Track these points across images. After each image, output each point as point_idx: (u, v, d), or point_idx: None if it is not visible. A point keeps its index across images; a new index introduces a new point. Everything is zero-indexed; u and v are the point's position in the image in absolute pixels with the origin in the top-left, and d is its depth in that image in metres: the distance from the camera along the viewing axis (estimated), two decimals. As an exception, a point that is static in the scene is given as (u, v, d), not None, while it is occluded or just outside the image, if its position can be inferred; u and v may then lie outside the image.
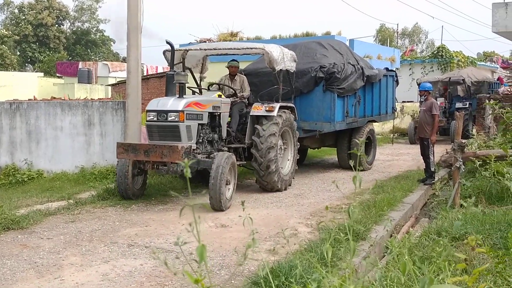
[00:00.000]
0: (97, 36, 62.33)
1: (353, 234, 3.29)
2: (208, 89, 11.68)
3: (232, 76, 11.49)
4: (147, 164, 9.40)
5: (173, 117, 9.05)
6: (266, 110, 10.40)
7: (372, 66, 15.46)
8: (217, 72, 13.23)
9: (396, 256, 3.65)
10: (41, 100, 15.97)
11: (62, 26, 59.18)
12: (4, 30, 53.78)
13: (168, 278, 5.83)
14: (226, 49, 11.56)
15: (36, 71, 44.58)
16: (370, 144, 14.44)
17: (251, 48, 11.50)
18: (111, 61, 46.33)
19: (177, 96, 9.50)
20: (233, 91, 11.10)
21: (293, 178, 11.38)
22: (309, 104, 12.52)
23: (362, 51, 35.25)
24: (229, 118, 10.73)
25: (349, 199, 9.42)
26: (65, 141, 12.93)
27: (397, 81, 16.88)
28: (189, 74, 11.22)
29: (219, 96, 10.56)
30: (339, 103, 12.62)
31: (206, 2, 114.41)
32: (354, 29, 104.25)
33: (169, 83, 9.83)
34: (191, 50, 11.62)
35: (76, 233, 7.79)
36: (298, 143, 11.63)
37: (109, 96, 26.47)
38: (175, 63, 10.38)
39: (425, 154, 11.84)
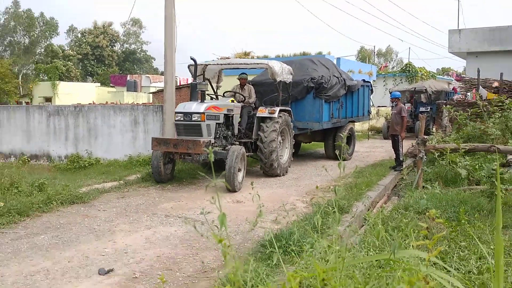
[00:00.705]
0: (141, 55, 62.41)
1: (338, 208, 3.31)
2: (223, 96, 11.55)
3: (242, 86, 11.48)
4: (176, 155, 9.40)
5: (196, 118, 9.10)
6: (269, 113, 10.45)
7: (352, 78, 15.39)
8: (231, 83, 13.28)
9: (372, 225, 3.66)
10: (98, 104, 16.09)
11: (114, 47, 59.27)
12: (70, 51, 53.97)
13: (196, 241, 5.87)
14: (238, 64, 11.68)
15: (94, 82, 44.70)
16: (350, 139, 14.42)
17: (258, 64, 11.70)
18: (152, 74, 46.35)
19: (199, 101, 9.56)
20: (243, 98, 11.10)
21: (289, 167, 11.30)
22: (302, 108, 12.52)
23: (347, 67, 35.07)
24: (240, 118, 10.75)
25: (335, 181, 9.42)
26: (116, 136, 13.01)
27: (371, 90, 16.69)
28: (208, 84, 11.19)
29: (232, 101, 10.59)
30: (326, 107, 12.68)
31: (229, 27, 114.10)
32: (340, 49, 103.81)
33: (192, 91, 9.83)
34: (210, 64, 11.66)
35: (125, 206, 7.85)
36: (294, 139, 11.65)
37: (151, 101, 26.51)
38: (197, 75, 10.40)
39: (396, 147, 11.83)
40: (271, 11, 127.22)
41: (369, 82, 16.71)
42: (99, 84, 42.02)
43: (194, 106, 9.26)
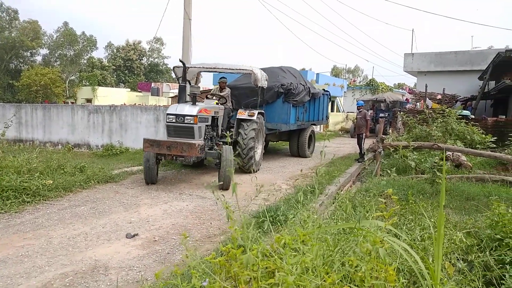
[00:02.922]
0: (163, 67, 62.00)
1: (315, 188, 3.31)
2: (207, 98, 9.83)
3: (221, 88, 9.94)
4: (167, 156, 7.80)
5: (189, 120, 7.70)
6: (248, 115, 9.23)
7: (315, 87, 14.13)
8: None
9: (341, 202, 3.67)
10: (128, 105, 15.99)
11: (142, 60, 58.91)
12: (106, 62, 53.67)
13: (203, 213, 5.88)
14: (223, 68, 9.61)
15: (125, 88, 44.43)
16: (311, 139, 13.40)
17: (242, 69, 9.63)
18: (171, 83, 46.04)
19: (191, 103, 8.11)
20: (225, 100, 9.59)
21: (261, 164, 10.01)
22: (273, 110, 11.28)
23: (324, 80, 35.08)
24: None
25: (312, 169, 9.44)
26: (142, 130, 12.94)
27: (330, 98, 15.51)
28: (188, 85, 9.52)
29: (217, 103, 9.23)
30: (293, 111, 11.69)
31: (229, 46, 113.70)
32: (318, 66, 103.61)
33: (181, 93, 8.39)
34: (193, 67, 9.78)
35: (149, 185, 7.82)
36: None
37: (170, 103, 26.42)
38: (179, 76, 9.05)
39: (360, 144, 11.87)
40: (259, 32, 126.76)
41: (328, 91, 15.32)
42: (129, 89, 41.76)
43: (187, 109, 7.81)
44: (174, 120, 7.73)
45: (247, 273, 1.55)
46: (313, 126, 13.59)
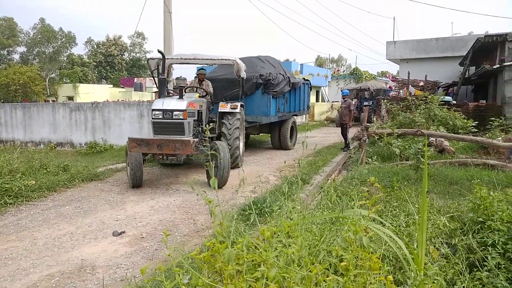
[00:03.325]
0: (145, 62, 61.21)
1: (300, 179, 3.31)
2: (185, 92, 8.32)
3: (200, 81, 9.12)
4: (157, 156, 7.10)
5: (178, 115, 7.10)
6: (231, 108, 8.61)
7: (295, 77, 13.43)
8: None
9: (327, 192, 3.69)
10: (111, 101, 15.77)
11: (123, 56, 57.99)
12: (87, 59, 52.72)
13: (191, 208, 5.85)
14: (203, 59, 8.73)
15: (107, 84, 43.73)
16: (293, 131, 12.83)
17: (225, 60, 8.83)
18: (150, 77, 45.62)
19: (178, 97, 7.50)
20: (206, 93, 8.82)
21: (243, 159, 9.45)
22: (252, 102, 10.66)
23: (308, 71, 35.14)
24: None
25: (297, 160, 9.45)
26: (126, 126, 12.79)
27: (310, 88, 14.81)
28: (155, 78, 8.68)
29: (199, 97, 8.41)
30: (273, 102, 11.07)
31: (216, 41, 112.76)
32: (303, 56, 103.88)
33: (161, 86, 7.68)
34: (170, 59, 8.87)
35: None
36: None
37: (153, 99, 26.13)
38: (153, 69, 8.38)
39: (344, 133, 11.94)
40: (245, 22, 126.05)
41: (308, 80, 14.70)
42: (111, 85, 41.14)
43: (175, 103, 7.20)
44: (161, 116, 7.13)
45: (232, 267, 1.55)
46: (295, 117, 13.15)
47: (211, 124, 8.89)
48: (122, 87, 39.40)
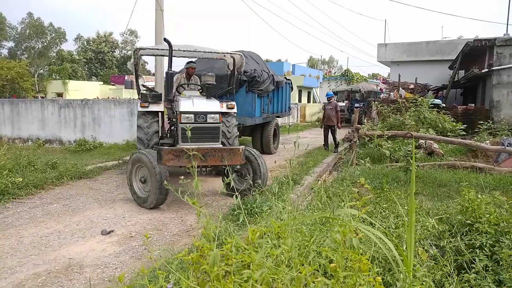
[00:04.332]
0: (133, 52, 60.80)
1: (291, 179, 3.29)
2: (184, 89, 7.33)
3: (189, 76, 7.74)
4: (202, 168, 6.03)
5: (214, 119, 6.10)
6: (227, 108, 7.49)
7: (277, 75, 12.16)
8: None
9: (317, 193, 3.70)
10: (101, 99, 15.64)
11: (114, 53, 57.46)
12: (77, 56, 52.12)
13: (181, 207, 5.81)
14: (195, 51, 7.54)
15: (98, 81, 43.31)
16: (276, 134, 11.92)
17: (220, 53, 7.92)
18: (145, 75, 45.27)
19: (206, 97, 6.68)
20: (201, 89, 7.39)
21: None
22: (235, 102, 8.61)
23: (300, 71, 35.23)
24: None
25: (288, 161, 9.43)
26: (116, 124, 12.67)
27: (291, 88, 13.49)
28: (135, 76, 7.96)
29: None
30: (258, 102, 10.17)
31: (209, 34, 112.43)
32: (295, 57, 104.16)
33: (169, 82, 6.57)
34: (145, 49, 7.54)
35: (123, 180, 7.65)
36: None
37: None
38: (135, 63, 7.42)
39: (326, 135, 11.89)
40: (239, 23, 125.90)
41: (289, 79, 13.51)
42: (102, 83, 40.78)
43: (207, 104, 6.24)
44: (192, 120, 5.97)
45: (218, 269, 1.54)
46: (277, 118, 12.28)
47: None
48: (112, 85, 39.10)
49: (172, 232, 4.79)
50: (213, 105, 6.31)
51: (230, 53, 7.87)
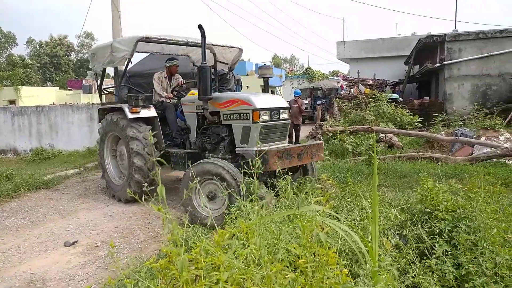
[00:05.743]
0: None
1: (255, 179, 3.31)
2: (188, 88, 6.69)
3: (171, 75, 7.07)
4: (293, 168, 5.37)
5: (285, 115, 5.52)
6: None
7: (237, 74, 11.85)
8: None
9: (284, 190, 3.73)
10: (58, 104, 15.02)
11: (70, 56, 55.28)
12: (29, 60, 49.68)
13: (147, 214, 5.70)
14: (195, 43, 6.65)
15: (53, 86, 41.54)
16: None
17: (233, 47, 7.33)
18: (106, 78, 44.05)
19: (269, 92, 6.02)
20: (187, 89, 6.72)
21: None
22: None
23: (262, 71, 35.24)
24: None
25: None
26: (75, 131, 12.20)
27: (241, 86, 13.09)
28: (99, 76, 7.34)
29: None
30: None
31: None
32: (257, 56, 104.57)
33: (203, 77, 5.18)
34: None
35: (86, 189, 7.42)
36: None
37: (104, 101, 25.14)
38: (128, 56, 6.30)
39: (296, 135, 12.01)
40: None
41: (240, 76, 13.26)
42: (58, 88, 39.11)
43: (277, 100, 5.60)
44: (267, 118, 5.27)
45: (186, 274, 1.53)
46: None
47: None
48: (69, 89, 37.61)
49: (140, 238, 4.69)
50: (282, 101, 5.71)
51: (233, 46, 7.20)
